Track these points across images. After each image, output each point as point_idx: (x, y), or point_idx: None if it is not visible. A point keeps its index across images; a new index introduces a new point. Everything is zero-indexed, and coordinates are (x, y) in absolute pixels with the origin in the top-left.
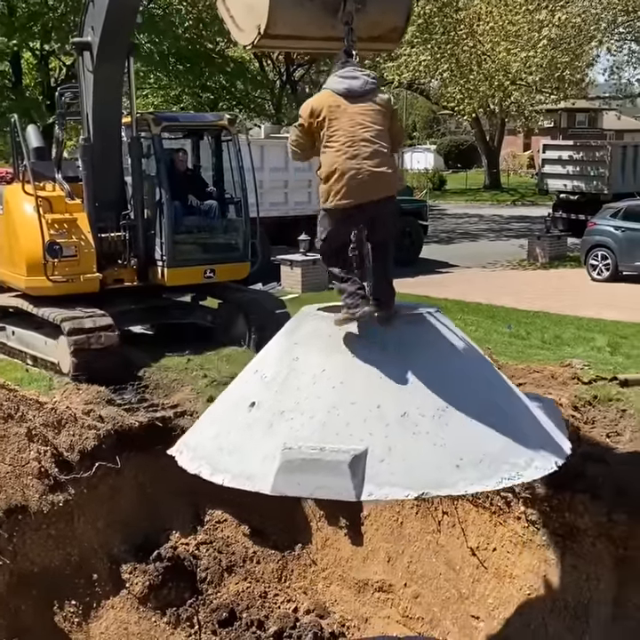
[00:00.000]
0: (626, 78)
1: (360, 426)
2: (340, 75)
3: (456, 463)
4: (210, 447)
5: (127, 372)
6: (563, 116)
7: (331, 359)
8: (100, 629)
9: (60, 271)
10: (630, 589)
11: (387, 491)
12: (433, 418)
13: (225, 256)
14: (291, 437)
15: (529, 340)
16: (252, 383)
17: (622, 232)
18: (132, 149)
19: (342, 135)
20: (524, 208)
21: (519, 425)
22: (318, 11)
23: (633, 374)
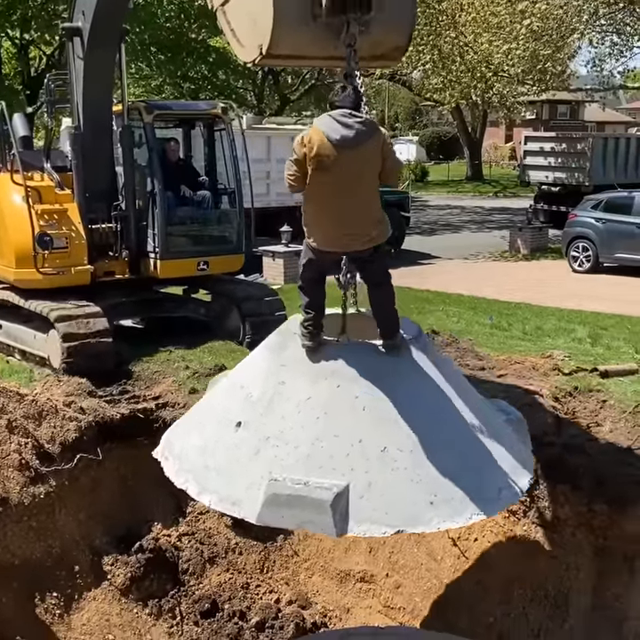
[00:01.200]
0: (608, 70)
1: (343, 460)
2: (336, 118)
3: (430, 500)
4: (196, 462)
5: (118, 366)
6: (544, 107)
7: (316, 387)
8: (81, 621)
9: (51, 263)
10: (609, 579)
11: (365, 527)
12: (411, 453)
13: (219, 248)
14: (276, 465)
15: (510, 332)
16: (237, 400)
17: (603, 224)
18: (124, 138)
19: (328, 191)
20: (506, 200)
21: (489, 456)
22: (321, 32)
23: (613, 365)
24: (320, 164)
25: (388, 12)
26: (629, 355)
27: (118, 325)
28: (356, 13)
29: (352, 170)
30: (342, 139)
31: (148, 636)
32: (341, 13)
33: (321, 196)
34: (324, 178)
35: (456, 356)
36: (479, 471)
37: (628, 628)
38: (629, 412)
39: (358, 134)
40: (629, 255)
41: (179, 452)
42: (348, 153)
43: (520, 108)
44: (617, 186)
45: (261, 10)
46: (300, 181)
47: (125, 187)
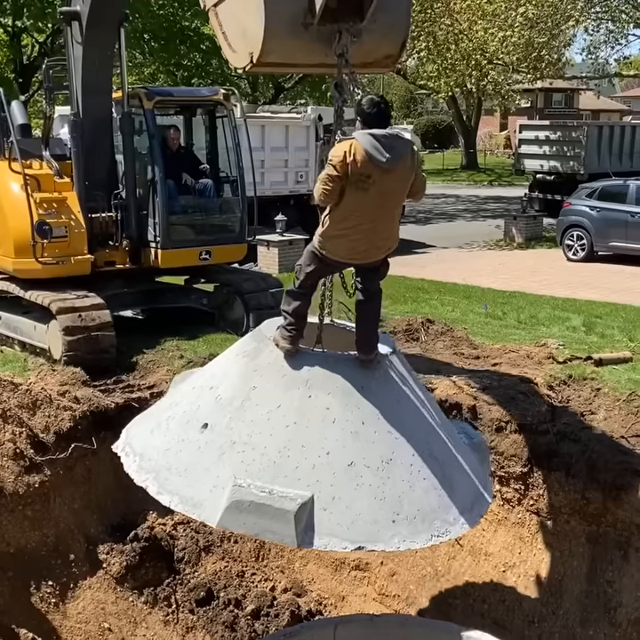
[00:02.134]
0: (603, 58)
1: (309, 471)
2: (379, 139)
3: (392, 518)
4: (159, 462)
5: (118, 357)
6: (539, 95)
7: (287, 395)
8: (77, 610)
9: (50, 252)
10: (603, 565)
11: (326, 541)
12: (377, 470)
13: (221, 237)
14: (241, 470)
15: (505, 320)
16: (205, 400)
17: (597, 212)
18: (124, 125)
19: (364, 208)
20: (501, 188)
21: (451, 479)
22: (313, 40)
23: (607, 354)
24: (361, 183)
25: (381, 22)
26: (623, 343)
27: (117, 316)
28: (348, 23)
29: (389, 189)
30: (386, 161)
31: (143, 624)
32: (333, 22)
33: (355, 212)
34: (362, 195)
35: (451, 344)
36: (440, 494)
37: (621, 615)
38: (623, 400)
39: (400, 155)
40: (624, 244)
41: (140, 449)
42: (389, 174)
43: (515, 97)
44: (612, 174)
45: (252, 20)
46: (336, 197)
47: (126, 175)
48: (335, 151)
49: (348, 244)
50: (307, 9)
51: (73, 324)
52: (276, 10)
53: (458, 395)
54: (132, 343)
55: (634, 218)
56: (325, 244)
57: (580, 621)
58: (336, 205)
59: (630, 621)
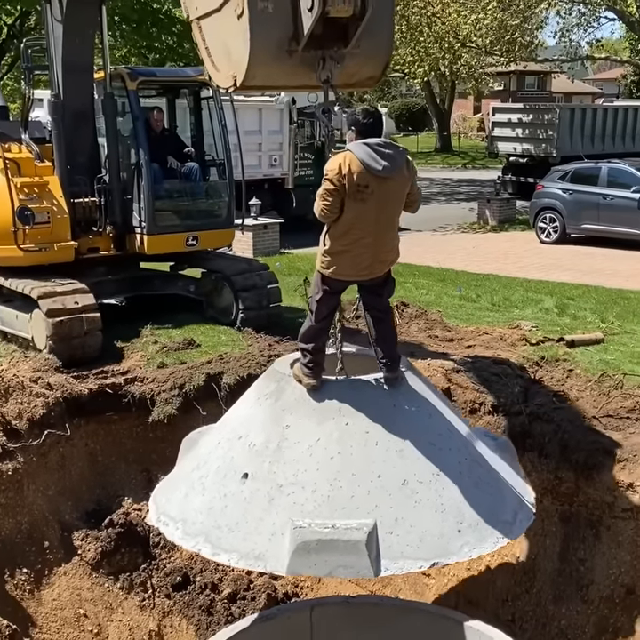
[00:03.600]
0: (575, 41)
1: (365, 498)
2: (374, 148)
3: (458, 528)
4: (205, 523)
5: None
6: (512, 78)
7: (324, 427)
8: (52, 596)
9: (32, 239)
10: (575, 544)
11: (401, 564)
12: (430, 483)
13: (208, 222)
14: (295, 512)
15: (479, 303)
16: (238, 451)
17: (570, 194)
18: (106, 107)
19: (365, 220)
20: (475, 171)
21: (498, 480)
22: (297, 66)
23: (579, 335)
24: (359, 194)
25: (364, 47)
26: (595, 324)
27: (99, 304)
28: (332, 49)
29: (388, 199)
30: (383, 169)
31: (119, 609)
32: (317, 49)
33: (356, 225)
34: (361, 207)
35: (425, 327)
36: (494, 496)
37: (593, 592)
38: (595, 381)
39: (396, 163)
40: (596, 226)
41: (179, 515)
42: (387, 183)
43: (488, 80)
44: (584, 157)
45: (237, 43)
46: (336, 211)
47: (109, 158)
48: (330, 165)
49: (352, 259)
50: (291, 36)
51: (56, 307)
52: (261, 37)
53: (432, 377)
54: (107, 330)
55: (605, 200)
56: (329, 262)
57: (553, 599)
58: (336, 221)
59: (602, 598)
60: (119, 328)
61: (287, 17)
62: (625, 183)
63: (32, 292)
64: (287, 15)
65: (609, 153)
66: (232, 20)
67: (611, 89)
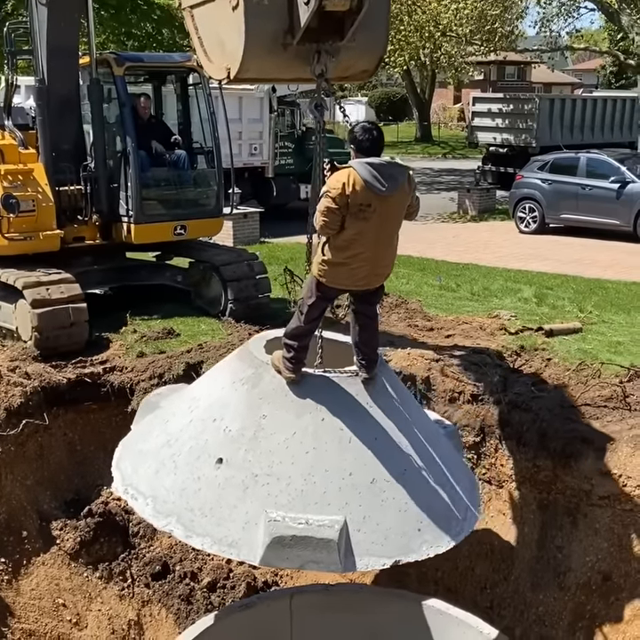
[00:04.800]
0: (555, 31)
1: (336, 494)
2: (376, 168)
3: (418, 527)
4: (177, 503)
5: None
6: (492, 68)
7: (301, 421)
8: (30, 586)
9: (17, 228)
10: (553, 532)
11: (366, 561)
12: (397, 482)
13: (196, 211)
14: (270, 503)
15: (458, 292)
16: (212, 434)
17: (549, 185)
18: (92, 93)
19: (366, 236)
20: (455, 161)
21: (453, 476)
22: (291, 59)
23: (558, 324)
24: (361, 213)
25: (360, 40)
26: (573, 314)
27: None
28: (328, 42)
29: (389, 215)
30: (386, 189)
31: (98, 599)
32: (313, 42)
33: (357, 241)
34: (363, 225)
35: (405, 316)
36: (450, 494)
37: (570, 579)
38: (573, 370)
39: (397, 183)
40: (574, 215)
41: (150, 491)
42: (388, 201)
43: (468, 69)
44: (563, 147)
45: (231, 35)
46: (336, 227)
47: (95, 145)
48: (333, 183)
49: (350, 272)
50: (287, 29)
51: (41, 297)
52: (256, 30)
53: (412, 366)
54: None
55: (584, 190)
56: (327, 271)
57: (531, 586)
58: (336, 235)
59: (579, 585)
60: (99, 317)
61: (283, 10)
62: (603, 173)
63: (17, 281)
64: (283, 8)
65: (588, 143)
66: (226, 11)
67: (590, 79)
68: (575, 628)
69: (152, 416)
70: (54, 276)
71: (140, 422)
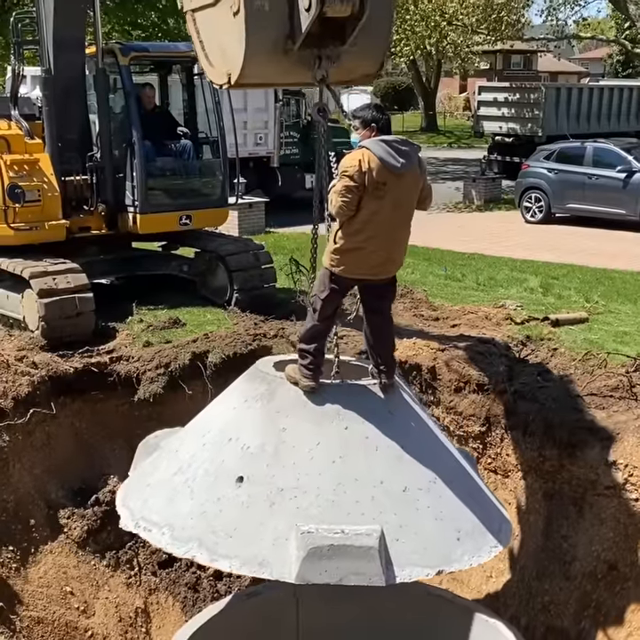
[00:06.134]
0: (562, 19)
1: (369, 503)
2: (391, 145)
3: (457, 536)
4: (197, 528)
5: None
6: (498, 57)
7: (324, 430)
8: (38, 574)
9: (23, 218)
10: (558, 521)
11: (409, 571)
12: (429, 490)
13: (202, 201)
14: (299, 517)
15: (464, 282)
16: (229, 453)
17: (555, 174)
18: (98, 83)
19: (381, 218)
20: (461, 150)
21: (483, 490)
22: (292, 63)
23: (564, 314)
24: (377, 191)
25: (362, 45)
26: (580, 304)
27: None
28: (329, 47)
29: (402, 196)
30: (401, 165)
31: (106, 587)
32: (314, 47)
33: (371, 222)
34: (377, 204)
35: (411, 306)
36: (482, 505)
37: (575, 568)
38: (579, 360)
39: (412, 161)
40: (581, 205)
41: (163, 520)
42: (402, 179)
43: (474, 59)
44: (569, 136)
45: (232, 41)
46: (354, 208)
47: (100, 136)
48: (348, 162)
49: (365, 257)
50: (288, 35)
51: (48, 287)
52: (257, 36)
53: (417, 356)
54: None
55: (591, 180)
56: (340, 260)
57: (537, 575)
58: (351, 218)
59: (585, 575)
60: (105, 307)
61: (284, 15)
62: (610, 163)
63: (23, 271)
64: (284, 14)
65: (594, 132)
66: (227, 16)
67: (597, 68)
68: (581, 617)
69: (155, 456)
70: (61, 265)
71: (141, 464)
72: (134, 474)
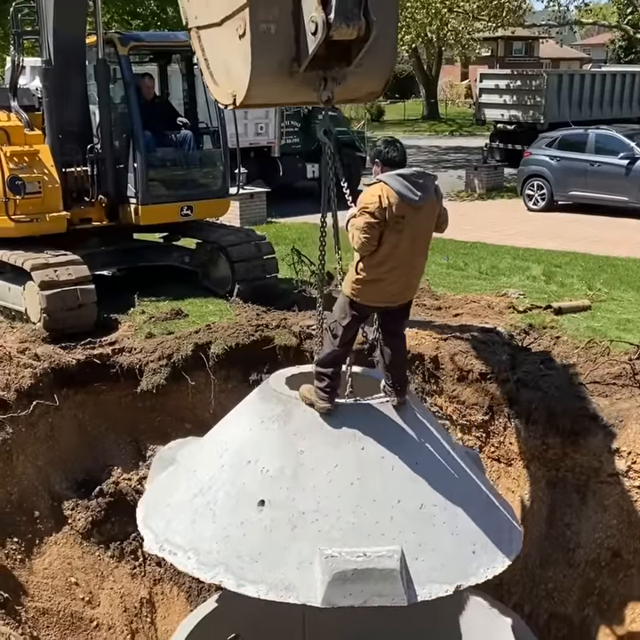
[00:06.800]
0: (564, 5)
1: (388, 524)
2: (408, 179)
3: (472, 550)
4: (223, 552)
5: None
6: (500, 44)
7: (341, 453)
8: (43, 565)
9: (23, 210)
10: (562, 509)
11: (428, 589)
12: (445, 506)
13: (203, 191)
14: (322, 540)
15: (466, 271)
16: (249, 476)
17: (557, 161)
18: (99, 73)
19: (401, 250)
20: (462, 139)
21: (493, 498)
22: (297, 86)
23: (566, 302)
24: (397, 225)
25: (367, 65)
26: (582, 291)
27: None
28: (334, 69)
29: (421, 226)
30: (419, 199)
31: (110, 577)
32: (319, 69)
33: (392, 255)
34: (397, 237)
35: None
36: (493, 516)
37: (579, 556)
38: (582, 348)
39: (429, 192)
40: (583, 192)
41: (188, 544)
42: (420, 211)
43: (475, 45)
44: (571, 123)
45: (237, 62)
46: (376, 243)
47: (101, 126)
48: (368, 198)
49: (385, 287)
50: (293, 57)
51: (49, 279)
52: (263, 59)
53: (420, 345)
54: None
55: (593, 167)
56: (362, 289)
57: (540, 563)
58: (373, 252)
59: (588, 562)
60: (107, 299)
61: (289, 38)
62: (613, 150)
63: (25, 263)
64: (290, 37)
65: (597, 119)
66: (233, 38)
67: (599, 54)
68: (584, 605)
69: (172, 470)
70: (62, 257)
71: (158, 479)
72: (152, 490)
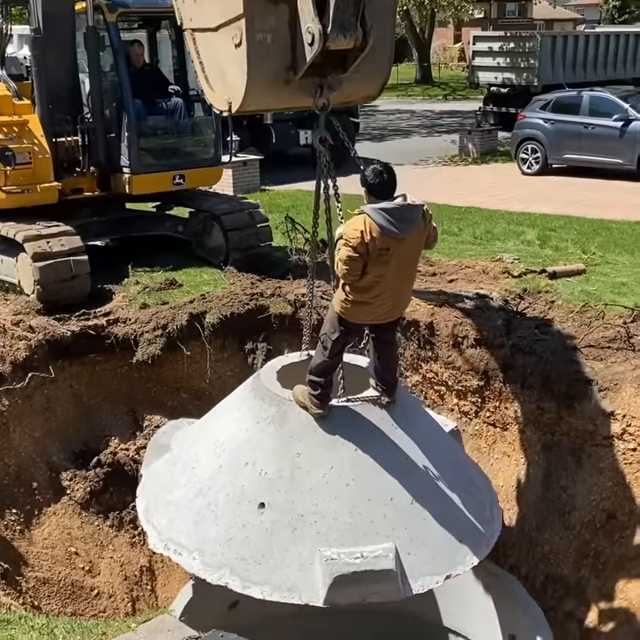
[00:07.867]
0: None
1: (382, 522)
2: (390, 212)
3: (459, 538)
4: (227, 554)
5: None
6: (493, 5)
7: (335, 454)
8: (42, 535)
9: (14, 181)
10: (557, 472)
11: (421, 582)
12: (433, 499)
13: (195, 160)
14: (320, 542)
15: (461, 236)
16: (248, 479)
17: (551, 124)
18: (89, 41)
19: (387, 278)
20: (456, 102)
21: (475, 481)
22: (293, 93)
23: (561, 266)
24: (381, 257)
25: (363, 71)
26: (577, 255)
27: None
28: (330, 76)
29: (408, 254)
30: (401, 231)
31: (110, 547)
32: (315, 77)
33: (379, 282)
34: (383, 268)
35: None
36: (476, 497)
37: (574, 518)
38: (576, 312)
39: (413, 222)
40: (577, 155)
41: (193, 544)
42: (405, 242)
43: (468, 7)
44: (565, 85)
45: (233, 70)
46: (359, 274)
47: (92, 95)
48: (351, 232)
49: (373, 309)
50: (289, 66)
51: (42, 250)
52: (258, 69)
53: (415, 312)
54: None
55: (587, 129)
56: (350, 309)
57: (536, 526)
58: (360, 282)
59: (583, 524)
60: (101, 270)
61: (285, 48)
62: (607, 112)
63: (17, 235)
64: (286, 46)
65: (591, 81)
66: (229, 45)
67: (592, 15)
68: (580, 566)
69: (169, 460)
70: (54, 228)
71: (155, 466)
72: (150, 480)
